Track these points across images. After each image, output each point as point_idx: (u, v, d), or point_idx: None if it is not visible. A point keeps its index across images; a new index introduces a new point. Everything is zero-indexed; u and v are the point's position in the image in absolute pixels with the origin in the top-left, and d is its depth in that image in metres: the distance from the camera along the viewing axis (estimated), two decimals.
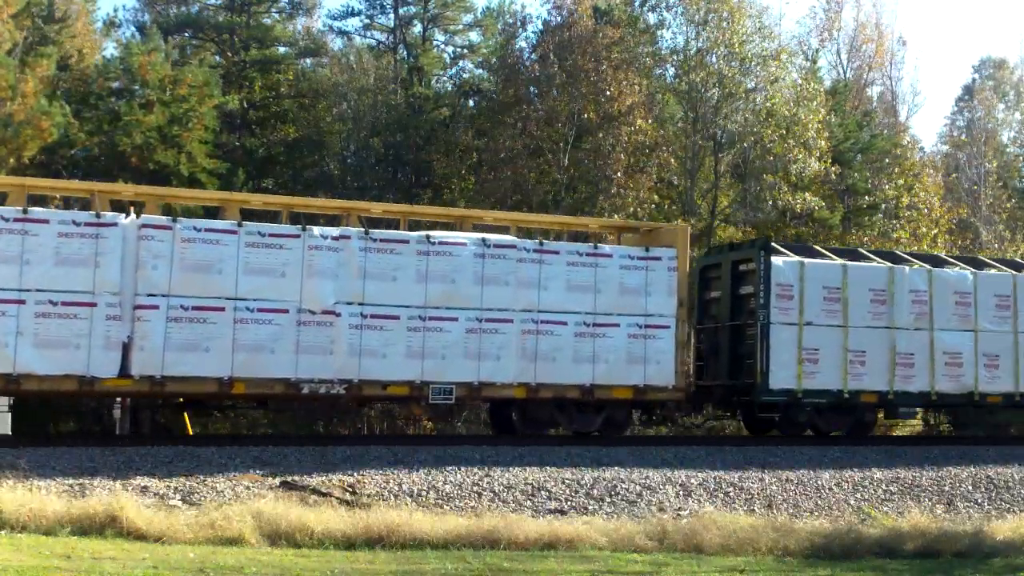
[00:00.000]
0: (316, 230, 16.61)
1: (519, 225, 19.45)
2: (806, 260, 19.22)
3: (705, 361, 20.64)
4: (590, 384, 17.71)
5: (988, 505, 16.45)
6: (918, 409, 21.25)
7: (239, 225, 16.21)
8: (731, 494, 15.44)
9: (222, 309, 15.87)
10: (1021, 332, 20.42)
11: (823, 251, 20.45)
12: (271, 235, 16.29)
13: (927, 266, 20.30)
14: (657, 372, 18.10)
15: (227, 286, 15.92)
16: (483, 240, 17.42)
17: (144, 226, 15.76)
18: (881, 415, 21.17)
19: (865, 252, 21.21)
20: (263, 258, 16.15)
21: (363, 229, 16.91)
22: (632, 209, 28.69)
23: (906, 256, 21.74)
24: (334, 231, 16.73)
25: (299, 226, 16.67)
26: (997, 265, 22.11)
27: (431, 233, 17.34)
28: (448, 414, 24.49)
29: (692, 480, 15.65)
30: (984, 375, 20.02)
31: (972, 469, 17.66)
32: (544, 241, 18.21)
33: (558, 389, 17.65)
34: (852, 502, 15.85)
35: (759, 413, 19.66)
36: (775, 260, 18.86)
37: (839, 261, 19.64)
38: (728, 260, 20.24)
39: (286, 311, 16.17)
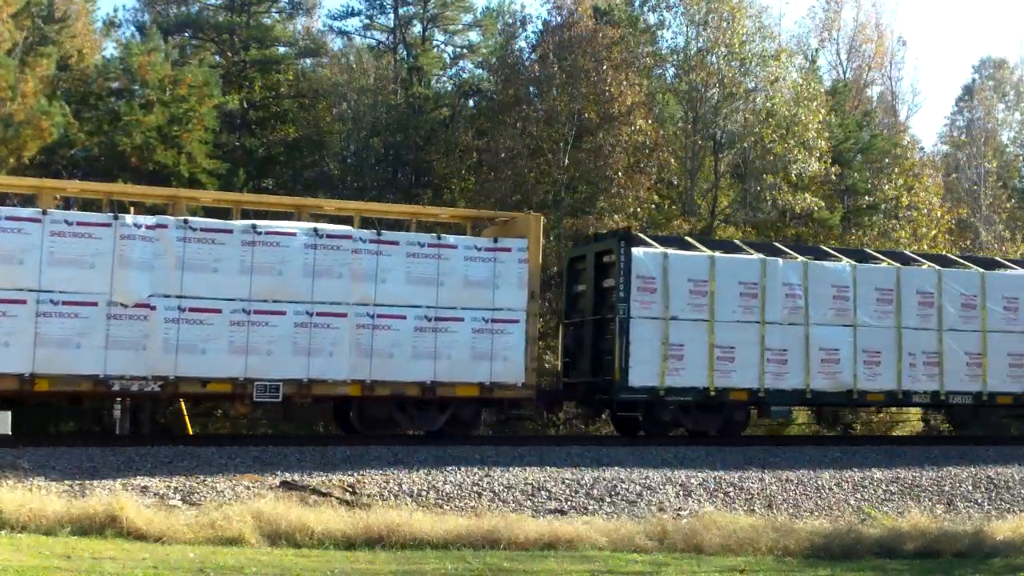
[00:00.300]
0: (129, 218, 15.81)
1: (363, 215, 18.37)
2: (670, 251, 18.45)
3: (571, 357, 19.78)
4: (431, 382, 16.91)
5: (988, 505, 16.44)
6: (792, 408, 20.30)
7: (43, 213, 15.40)
8: (731, 494, 15.43)
9: (23, 302, 15.11)
10: (904, 327, 19.58)
11: (692, 242, 19.61)
12: (79, 223, 15.48)
13: (802, 258, 19.50)
14: (505, 369, 17.27)
15: (29, 277, 15.14)
16: (315, 230, 16.60)
17: None
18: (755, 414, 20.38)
19: (741, 244, 20.15)
20: (70, 248, 15.33)
21: (183, 218, 16.09)
22: (632, 209, 28.72)
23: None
24: (149, 219, 15.91)
25: (110, 214, 15.90)
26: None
27: (257, 223, 16.60)
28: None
29: (692, 480, 15.65)
30: (864, 372, 19.22)
31: (972, 469, 17.65)
32: (382, 231, 17.20)
33: (396, 387, 16.86)
34: (852, 502, 15.84)
35: (618, 412, 18.91)
36: (636, 251, 18.07)
37: (706, 253, 18.79)
38: (592, 252, 19.32)
39: (95, 304, 15.38)
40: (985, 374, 20.14)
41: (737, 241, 20.75)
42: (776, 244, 21.16)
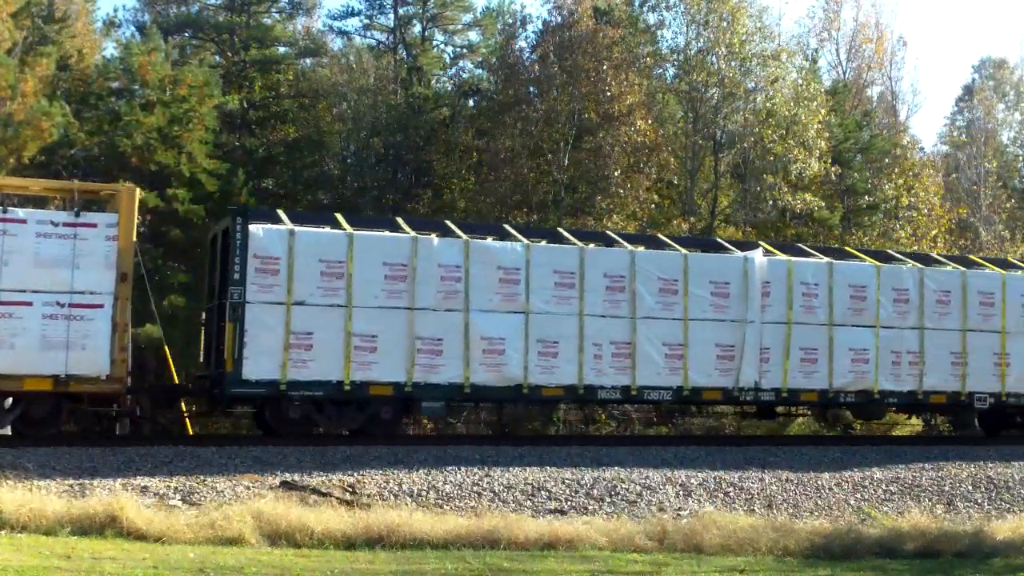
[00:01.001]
0: None
1: None
2: (298, 229, 16.45)
3: (206, 346, 18.00)
4: None
5: (988, 505, 16.45)
6: (449, 404, 18.11)
7: None
8: (731, 494, 15.44)
9: None
10: (588, 315, 17.53)
11: (339, 220, 17.61)
12: None
13: (464, 236, 17.39)
14: (84, 359, 15.42)
15: None
16: None
17: None
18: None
19: (400, 222, 18.06)
20: None
21: None
22: (632, 209, 28.73)
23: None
24: None
25: None
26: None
27: None
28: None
29: (692, 480, 15.65)
30: (537, 364, 17.23)
31: (972, 469, 17.67)
32: None
33: None
34: (852, 502, 15.85)
35: (228, 407, 17.15)
36: (254, 228, 16.09)
37: (344, 231, 16.86)
38: (221, 229, 17.38)
39: None
40: (687, 367, 18.12)
41: (399, 220, 18.45)
42: (447, 223, 18.87)
